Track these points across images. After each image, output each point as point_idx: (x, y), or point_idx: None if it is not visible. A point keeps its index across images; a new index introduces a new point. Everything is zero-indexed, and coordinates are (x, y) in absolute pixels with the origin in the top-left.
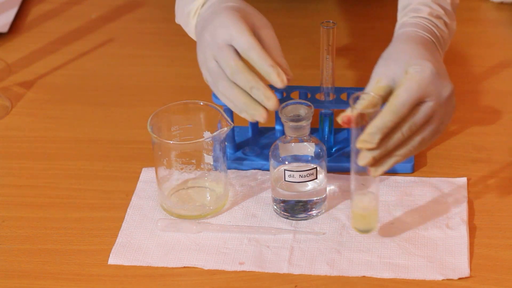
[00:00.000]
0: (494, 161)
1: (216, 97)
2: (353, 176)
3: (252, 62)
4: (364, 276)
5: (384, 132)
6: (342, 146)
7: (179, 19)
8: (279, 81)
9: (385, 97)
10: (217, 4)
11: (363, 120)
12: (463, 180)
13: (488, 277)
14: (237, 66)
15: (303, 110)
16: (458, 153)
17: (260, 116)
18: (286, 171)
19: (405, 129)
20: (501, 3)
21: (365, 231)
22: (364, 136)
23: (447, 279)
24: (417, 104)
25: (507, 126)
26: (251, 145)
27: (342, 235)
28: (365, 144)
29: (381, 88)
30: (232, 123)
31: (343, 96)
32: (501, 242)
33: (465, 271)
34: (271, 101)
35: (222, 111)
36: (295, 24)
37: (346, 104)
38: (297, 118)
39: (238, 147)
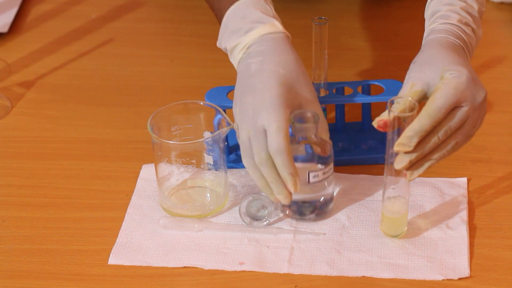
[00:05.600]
0: (494, 161)
1: (210, 98)
2: (385, 181)
3: (275, 163)
4: (364, 276)
5: (421, 135)
6: (335, 141)
7: (222, 44)
8: (292, 190)
9: (419, 102)
10: (271, 58)
11: (398, 124)
12: (463, 180)
13: (488, 277)
14: (266, 159)
15: (310, 112)
16: (458, 153)
17: (275, 200)
18: None
19: (441, 133)
20: (501, 3)
21: (395, 236)
22: (402, 139)
23: (447, 279)
24: (453, 108)
25: (507, 126)
26: None
27: (342, 235)
28: (402, 147)
29: (416, 93)
30: (232, 123)
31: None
32: (501, 242)
33: (465, 271)
34: (285, 200)
35: (222, 111)
36: (295, 24)
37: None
38: (304, 120)
39: (238, 147)
